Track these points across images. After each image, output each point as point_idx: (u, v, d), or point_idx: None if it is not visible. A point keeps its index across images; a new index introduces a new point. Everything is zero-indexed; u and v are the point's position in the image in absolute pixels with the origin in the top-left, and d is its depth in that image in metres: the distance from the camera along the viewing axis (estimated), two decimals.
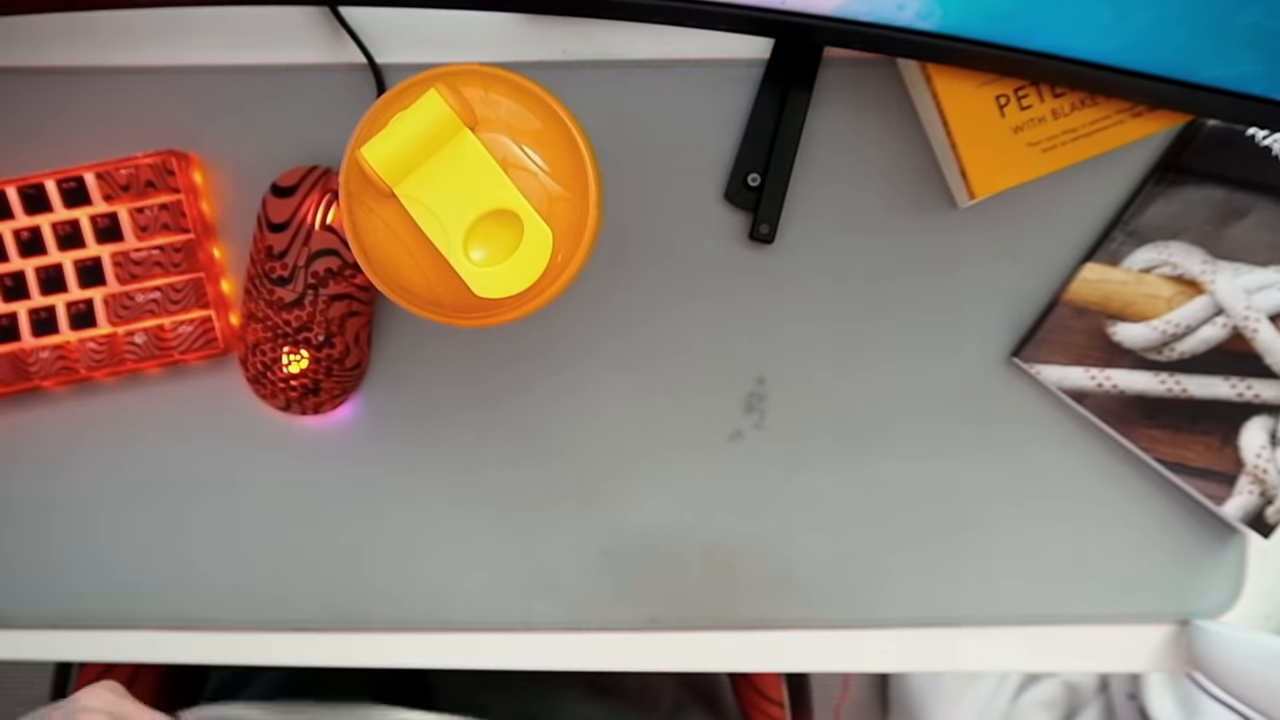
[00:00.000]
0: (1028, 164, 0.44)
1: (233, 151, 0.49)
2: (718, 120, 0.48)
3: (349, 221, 0.38)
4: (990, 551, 0.49)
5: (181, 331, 0.48)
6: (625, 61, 0.48)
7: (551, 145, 0.38)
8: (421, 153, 0.35)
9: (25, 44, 0.49)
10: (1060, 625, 0.50)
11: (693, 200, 0.48)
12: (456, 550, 0.50)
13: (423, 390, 0.49)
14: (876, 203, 0.48)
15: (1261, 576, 0.49)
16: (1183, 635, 0.50)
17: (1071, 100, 0.43)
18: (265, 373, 0.47)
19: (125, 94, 0.48)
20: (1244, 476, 0.46)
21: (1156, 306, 0.47)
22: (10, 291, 0.47)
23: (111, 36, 0.49)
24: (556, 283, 0.38)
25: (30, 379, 0.48)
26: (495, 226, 0.36)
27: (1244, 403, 0.46)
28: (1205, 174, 0.46)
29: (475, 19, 0.48)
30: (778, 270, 0.48)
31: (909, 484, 0.49)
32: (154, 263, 0.47)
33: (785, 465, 0.49)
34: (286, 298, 0.46)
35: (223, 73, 0.48)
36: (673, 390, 0.49)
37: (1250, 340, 0.46)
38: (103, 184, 0.47)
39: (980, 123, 0.43)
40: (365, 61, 0.48)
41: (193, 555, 0.49)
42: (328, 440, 0.50)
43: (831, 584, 0.49)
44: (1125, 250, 0.47)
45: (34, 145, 0.49)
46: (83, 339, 0.48)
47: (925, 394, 0.49)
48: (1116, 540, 0.49)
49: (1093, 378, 0.47)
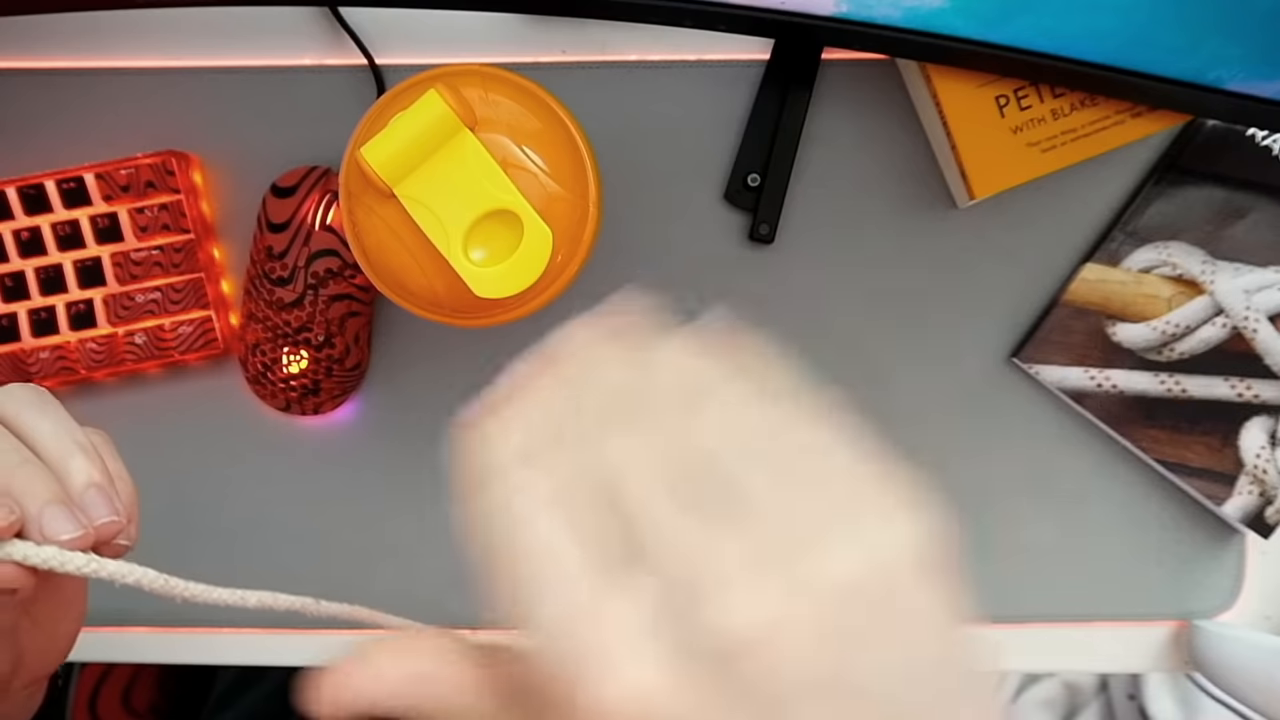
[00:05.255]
0: (1028, 164, 0.44)
1: (233, 151, 0.49)
2: (718, 120, 0.48)
3: (349, 221, 0.38)
4: (990, 551, 0.49)
5: (181, 332, 0.48)
6: (625, 61, 0.48)
7: (551, 145, 0.38)
8: (421, 153, 0.35)
9: (25, 44, 0.49)
10: (1060, 625, 0.50)
11: (693, 200, 0.48)
12: (456, 550, 0.49)
13: (423, 390, 0.49)
14: (876, 203, 0.48)
15: (1261, 576, 0.49)
16: (1182, 635, 0.50)
17: (1071, 100, 0.43)
18: (265, 373, 0.47)
19: (125, 94, 0.48)
20: (1244, 477, 0.46)
21: (1156, 307, 0.47)
22: (10, 292, 0.47)
23: (111, 36, 0.49)
24: (556, 283, 0.38)
25: (30, 379, 0.48)
26: (495, 226, 0.36)
27: (1244, 403, 0.46)
28: (1205, 174, 0.46)
29: (475, 19, 0.48)
30: (778, 270, 0.48)
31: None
32: (154, 263, 0.47)
33: None
34: (286, 298, 0.46)
35: (223, 73, 0.48)
36: None
37: (1250, 340, 0.46)
38: (103, 184, 0.47)
39: (980, 123, 0.43)
40: (365, 61, 0.48)
41: (193, 555, 0.49)
42: (328, 440, 0.49)
43: None
44: (1125, 250, 0.47)
45: (34, 145, 0.49)
46: (83, 339, 0.48)
47: (925, 394, 0.48)
48: (1116, 540, 0.49)
49: (1092, 378, 0.47)
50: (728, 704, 0.15)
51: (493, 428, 0.18)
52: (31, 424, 0.29)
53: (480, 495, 0.17)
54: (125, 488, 0.30)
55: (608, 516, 0.16)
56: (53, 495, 0.27)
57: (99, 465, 0.29)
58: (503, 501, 0.17)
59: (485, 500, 0.16)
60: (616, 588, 0.15)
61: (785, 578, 0.15)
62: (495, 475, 0.17)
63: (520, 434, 0.17)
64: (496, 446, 0.17)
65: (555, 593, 0.16)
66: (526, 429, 0.18)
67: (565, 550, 0.16)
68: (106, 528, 0.28)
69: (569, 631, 0.15)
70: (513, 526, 0.16)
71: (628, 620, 0.15)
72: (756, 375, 0.18)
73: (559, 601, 0.16)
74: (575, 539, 0.16)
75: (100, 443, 0.30)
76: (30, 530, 0.26)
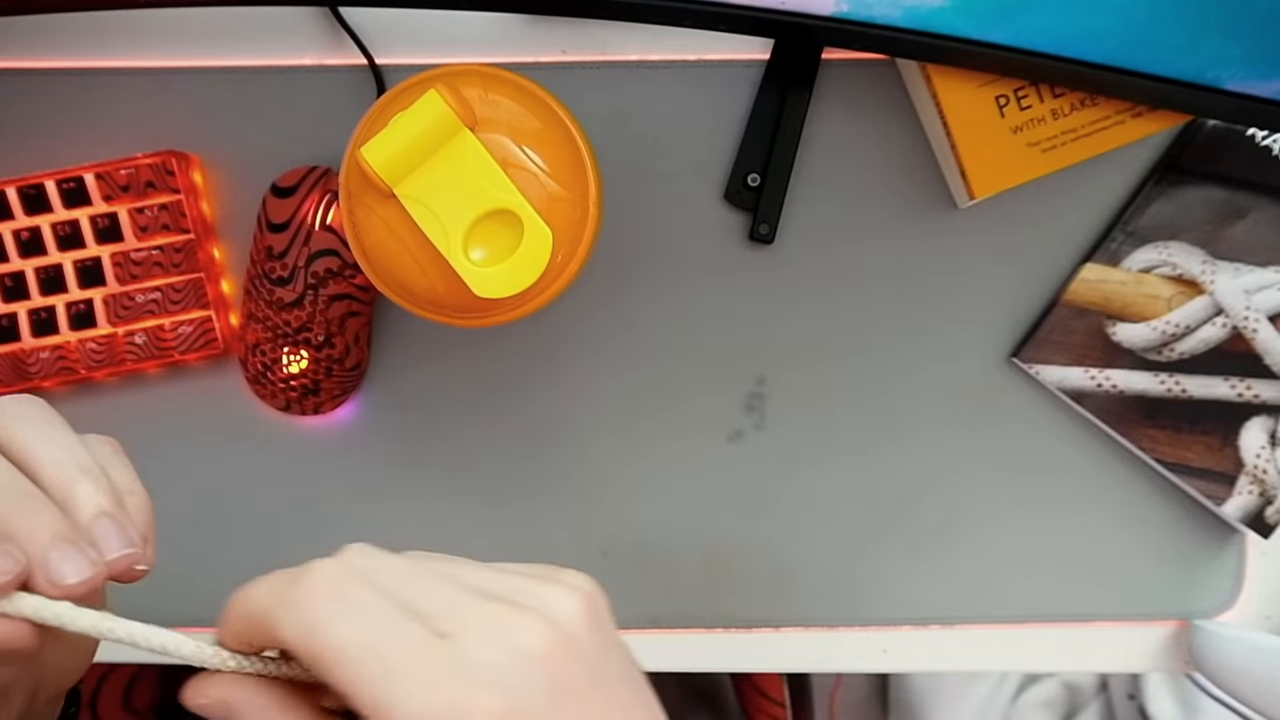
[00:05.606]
0: (1028, 164, 0.44)
1: (233, 151, 0.49)
2: (718, 120, 0.48)
3: (349, 221, 0.38)
4: (990, 551, 0.49)
5: (181, 332, 0.48)
6: (625, 61, 0.48)
7: (551, 145, 0.38)
8: (421, 153, 0.35)
9: (26, 44, 0.49)
10: (1060, 625, 0.50)
11: (693, 200, 0.48)
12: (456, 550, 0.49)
13: (423, 390, 0.49)
14: (876, 203, 0.48)
15: (1261, 576, 0.49)
16: (1183, 635, 0.50)
17: (1071, 100, 0.43)
18: (265, 373, 0.47)
19: (125, 94, 0.48)
20: (1244, 476, 0.46)
21: (1156, 307, 0.47)
22: (10, 292, 0.47)
23: (112, 36, 0.49)
24: (556, 283, 0.38)
25: (30, 379, 0.48)
26: (495, 226, 0.36)
27: (1244, 403, 0.46)
28: (1205, 174, 0.46)
29: (475, 19, 0.48)
30: (778, 270, 0.48)
31: (909, 484, 0.49)
32: (154, 263, 0.47)
33: (785, 465, 0.49)
34: (286, 298, 0.46)
35: (223, 73, 0.48)
36: (673, 390, 0.49)
37: (1250, 340, 0.46)
38: (103, 184, 0.47)
39: (980, 123, 0.43)
40: (365, 61, 0.48)
41: (193, 555, 0.49)
42: (328, 440, 0.49)
43: (831, 584, 0.49)
44: (1125, 250, 0.47)
45: (34, 145, 0.49)
46: (83, 339, 0.48)
47: (925, 394, 0.49)
48: (1116, 540, 0.49)
49: (1092, 378, 0.47)
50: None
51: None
52: (30, 447, 0.25)
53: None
54: (138, 502, 0.27)
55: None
56: (57, 533, 0.24)
57: (108, 491, 0.26)
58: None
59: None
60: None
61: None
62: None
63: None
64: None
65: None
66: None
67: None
68: (120, 561, 0.25)
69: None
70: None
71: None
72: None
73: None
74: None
75: (109, 454, 0.28)
76: (35, 576, 0.24)
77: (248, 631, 0.24)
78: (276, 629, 0.23)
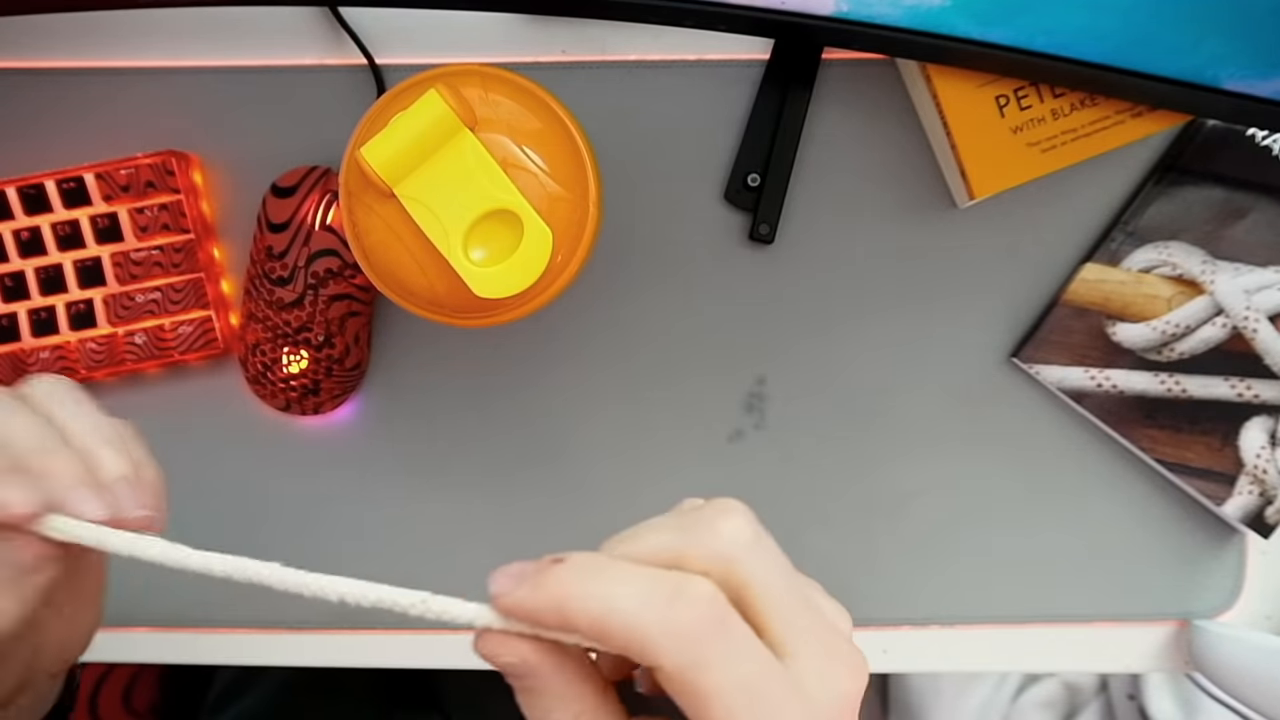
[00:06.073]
0: (1028, 164, 0.44)
1: (233, 151, 0.49)
2: (718, 120, 0.48)
3: (349, 221, 0.38)
4: (990, 551, 0.49)
5: (181, 332, 0.48)
6: (625, 61, 0.48)
7: (551, 145, 0.38)
8: (421, 153, 0.35)
9: (25, 44, 0.49)
10: (1060, 625, 0.50)
11: (693, 200, 0.48)
12: (457, 550, 0.50)
13: (423, 390, 0.49)
14: (876, 203, 0.48)
15: (1261, 576, 0.49)
16: (1183, 635, 0.50)
17: (1071, 100, 0.43)
18: (265, 373, 0.47)
19: (125, 94, 0.48)
20: (1244, 476, 0.46)
21: (1156, 306, 0.47)
22: (10, 291, 0.47)
23: (112, 36, 0.49)
24: (556, 283, 0.38)
25: None
26: (495, 226, 0.36)
27: (1244, 403, 0.46)
28: (1205, 174, 0.46)
29: (475, 19, 0.48)
30: (778, 270, 0.48)
31: (909, 484, 0.49)
32: (154, 263, 0.47)
33: (785, 465, 0.49)
34: (286, 298, 0.46)
35: (223, 73, 0.48)
36: (673, 390, 0.49)
37: (1250, 340, 0.46)
38: (103, 184, 0.47)
39: (980, 123, 0.43)
40: (365, 61, 0.48)
41: None
42: (328, 440, 0.50)
43: (831, 584, 0.49)
44: (1125, 250, 0.47)
45: (34, 145, 0.49)
46: (83, 339, 0.48)
47: (925, 394, 0.49)
48: (1116, 540, 0.49)
49: (1092, 378, 0.47)
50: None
51: None
52: (60, 414, 0.29)
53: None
54: (151, 473, 0.30)
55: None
56: (80, 478, 0.27)
57: (128, 461, 0.29)
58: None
59: None
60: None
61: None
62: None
63: None
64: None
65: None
66: None
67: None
68: (136, 521, 0.27)
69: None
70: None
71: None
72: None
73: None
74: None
75: (129, 435, 0.30)
76: (57, 510, 0.26)
77: (589, 628, 0.21)
78: (652, 655, 0.20)
